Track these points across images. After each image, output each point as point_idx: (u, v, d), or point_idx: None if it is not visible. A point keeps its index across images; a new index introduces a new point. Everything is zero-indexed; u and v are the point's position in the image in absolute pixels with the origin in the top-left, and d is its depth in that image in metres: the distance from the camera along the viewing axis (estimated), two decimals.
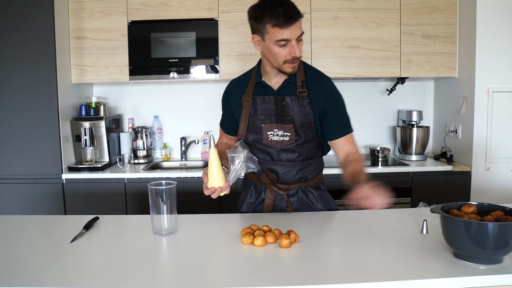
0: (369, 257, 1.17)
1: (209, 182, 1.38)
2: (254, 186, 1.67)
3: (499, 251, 1.06)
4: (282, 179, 1.60)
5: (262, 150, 1.60)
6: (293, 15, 1.38)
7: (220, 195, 1.39)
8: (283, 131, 1.55)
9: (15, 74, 2.56)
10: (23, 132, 2.59)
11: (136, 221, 1.54)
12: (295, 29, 1.40)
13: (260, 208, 1.65)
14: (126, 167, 2.77)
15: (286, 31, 1.39)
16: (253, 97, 1.58)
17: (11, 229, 1.44)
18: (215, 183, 1.37)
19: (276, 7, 1.37)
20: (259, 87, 1.59)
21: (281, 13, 1.36)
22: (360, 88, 3.18)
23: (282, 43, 1.41)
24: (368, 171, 2.61)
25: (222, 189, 1.37)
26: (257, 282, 1.02)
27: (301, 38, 1.44)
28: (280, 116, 1.55)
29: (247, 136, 1.60)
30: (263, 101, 1.56)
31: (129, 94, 3.19)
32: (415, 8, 2.77)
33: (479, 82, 2.62)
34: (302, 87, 1.53)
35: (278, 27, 1.38)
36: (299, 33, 1.42)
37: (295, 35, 1.41)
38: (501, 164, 2.68)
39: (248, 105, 1.58)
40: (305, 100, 1.53)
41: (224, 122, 1.73)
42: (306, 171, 1.61)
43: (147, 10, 2.76)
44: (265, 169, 1.60)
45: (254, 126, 1.59)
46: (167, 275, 1.09)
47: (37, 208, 2.62)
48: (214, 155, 1.37)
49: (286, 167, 1.58)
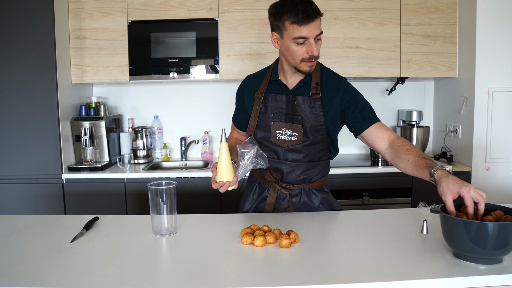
0: (369, 257, 1.17)
1: (218, 175, 1.37)
2: (258, 183, 1.68)
3: (499, 251, 1.06)
4: (286, 178, 1.61)
5: (268, 148, 1.61)
6: (312, 13, 1.38)
7: (228, 190, 1.39)
8: (291, 130, 1.56)
9: (15, 74, 2.56)
10: (23, 132, 2.59)
11: (136, 221, 1.54)
12: (313, 27, 1.40)
13: (262, 206, 1.66)
14: (126, 167, 2.77)
15: (304, 28, 1.39)
16: (265, 95, 1.58)
17: (11, 229, 1.44)
18: (224, 177, 1.37)
19: (296, 4, 1.38)
20: (274, 85, 1.59)
21: (300, 10, 1.37)
22: (360, 88, 3.11)
23: (300, 40, 1.41)
24: (368, 171, 2.63)
25: (230, 183, 1.37)
26: (257, 282, 1.02)
27: (319, 38, 1.44)
28: (290, 115, 1.55)
29: (256, 133, 1.61)
30: (274, 99, 1.57)
31: (129, 94, 3.19)
32: (415, 8, 2.77)
33: (479, 82, 2.62)
34: (316, 89, 1.53)
35: (296, 24, 1.39)
36: (317, 31, 1.41)
37: (314, 34, 1.41)
38: (501, 164, 2.68)
39: (260, 102, 1.58)
40: (317, 102, 1.53)
41: (237, 117, 1.73)
42: (311, 172, 1.61)
43: (147, 10, 2.76)
44: (270, 167, 1.61)
45: (263, 124, 1.59)
46: (167, 275, 1.09)
47: (37, 208, 2.62)
48: (224, 149, 1.37)
49: (291, 166, 1.59)
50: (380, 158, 2.85)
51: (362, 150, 3.21)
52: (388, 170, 2.66)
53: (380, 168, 2.70)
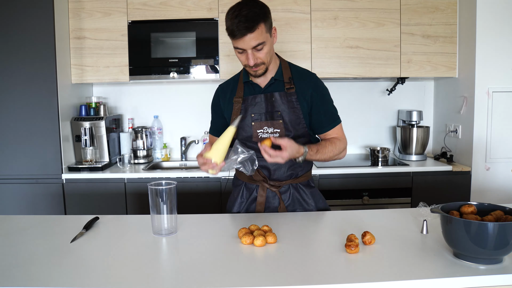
0: (369, 257, 1.17)
1: (210, 152, 1.39)
2: (245, 185, 1.69)
3: (499, 251, 1.06)
4: (273, 175, 1.63)
5: (252, 148, 1.60)
6: (242, 29, 1.41)
7: (208, 172, 1.40)
8: (272, 128, 1.59)
9: (15, 74, 2.56)
10: (23, 132, 2.59)
11: (136, 221, 1.54)
12: (248, 40, 1.43)
13: (252, 207, 1.67)
14: (126, 167, 2.77)
15: (238, 42, 1.45)
16: (244, 98, 1.62)
17: (11, 229, 1.45)
18: (215, 157, 1.37)
19: (231, 18, 1.43)
20: (247, 87, 1.63)
21: (229, 27, 1.43)
22: (360, 88, 3.18)
23: (239, 50, 1.48)
24: (368, 171, 2.63)
25: (215, 167, 1.38)
26: (257, 282, 1.02)
27: (260, 48, 1.46)
28: (270, 113, 1.58)
29: (237, 135, 1.62)
30: (254, 100, 1.60)
31: (129, 94, 3.19)
32: (415, 8, 2.77)
33: (479, 82, 2.62)
34: (290, 83, 1.58)
35: (231, 37, 1.46)
36: (254, 44, 1.44)
37: (249, 46, 1.45)
38: (501, 164, 2.68)
39: (239, 105, 1.61)
40: (293, 96, 1.57)
41: (215, 125, 1.76)
42: (296, 167, 1.64)
43: (147, 10, 2.76)
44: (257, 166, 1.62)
45: (244, 125, 1.62)
46: (167, 275, 1.09)
47: (37, 208, 2.62)
48: (230, 134, 1.39)
49: (276, 163, 1.58)
50: (380, 158, 2.85)
51: (362, 150, 3.21)
52: (388, 170, 2.66)
53: (380, 168, 2.70)
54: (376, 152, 2.87)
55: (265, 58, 1.50)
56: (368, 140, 3.22)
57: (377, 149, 2.88)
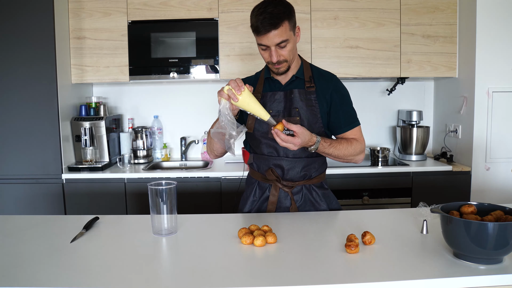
0: (369, 257, 1.17)
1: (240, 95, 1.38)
2: (258, 184, 1.69)
3: (499, 251, 1.06)
4: (287, 175, 1.62)
5: (268, 145, 1.62)
6: (267, 26, 1.43)
7: (221, 104, 1.39)
8: None
9: (15, 74, 2.56)
10: (23, 132, 2.59)
11: (136, 221, 1.54)
12: (272, 37, 1.45)
13: (264, 206, 1.67)
14: (126, 167, 2.77)
15: (262, 38, 1.47)
16: (263, 93, 1.63)
17: (11, 229, 1.45)
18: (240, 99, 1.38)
19: (256, 15, 1.45)
20: (268, 83, 1.65)
21: (254, 24, 1.45)
22: (360, 88, 3.18)
23: (263, 47, 1.50)
24: (368, 171, 2.63)
25: (225, 99, 1.38)
26: (257, 282, 1.02)
27: (283, 45, 1.48)
28: (288, 110, 1.59)
29: (255, 130, 1.63)
30: (273, 97, 1.62)
31: (129, 94, 3.19)
32: (415, 8, 2.77)
33: (479, 82, 2.62)
34: (310, 82, 1.60)
35: (255, 33, 1.48)
36: (277, 40, 1.46)
37: (273, 42, 1.47)
38: (501, 164, 2.68)
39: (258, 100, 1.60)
40: (312, 95, 1.59)
41: None
42: (310, 168, 1.63)
43: (147, 10, 2.76)
44: (271, 165, 1.62)
45: (261, 121, 1.60)
46: (167, 275, 1.09)
47: (37, 208, 2.62)
48: (260, 108, 1.42)
49: (291, 163, 1.60)
50: (380, 158, 2.85)
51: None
52: (388, 170, 2.66)
53: (380, 168, 2.70)
54: (376, 152, 2.87)
55: (288, 56, 1.51)
56: (368, 140, 3.19)
57: (377, 149, 2.88)
